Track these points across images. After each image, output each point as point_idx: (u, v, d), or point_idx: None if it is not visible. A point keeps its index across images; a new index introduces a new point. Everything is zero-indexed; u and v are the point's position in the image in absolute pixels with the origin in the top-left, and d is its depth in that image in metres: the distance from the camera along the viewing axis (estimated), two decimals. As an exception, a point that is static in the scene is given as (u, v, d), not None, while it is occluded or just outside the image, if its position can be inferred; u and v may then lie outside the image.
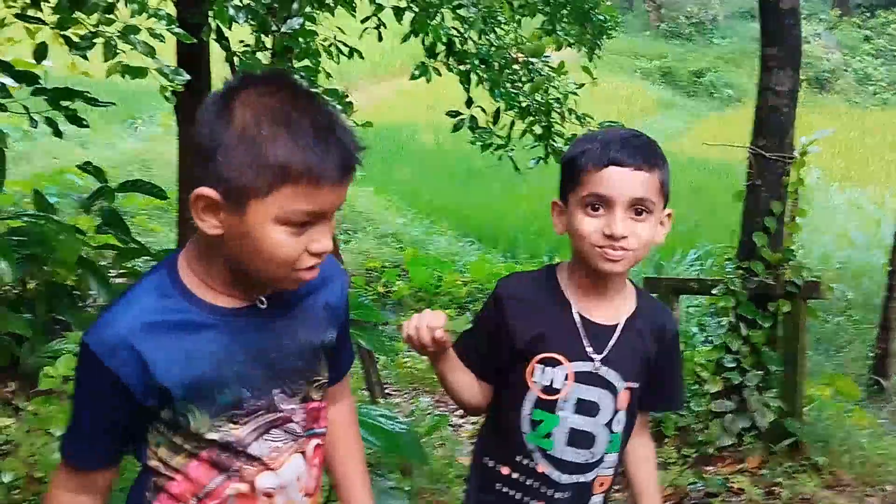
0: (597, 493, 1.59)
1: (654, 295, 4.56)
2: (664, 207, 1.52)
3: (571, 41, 6.12)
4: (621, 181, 1.44)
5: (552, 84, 4.47)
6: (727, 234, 4.38)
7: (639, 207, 1.46)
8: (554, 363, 1.48)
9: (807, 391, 4.12)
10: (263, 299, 1.26)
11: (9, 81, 3.21)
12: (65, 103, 3.29)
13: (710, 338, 4.26)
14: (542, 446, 1.54)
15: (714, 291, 4.03)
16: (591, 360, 1.52)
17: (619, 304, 1.58)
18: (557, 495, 1.54)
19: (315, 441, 1.37)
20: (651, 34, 28.05)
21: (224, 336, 1.24)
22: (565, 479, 1.54)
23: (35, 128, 3.44)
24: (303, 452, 1.34)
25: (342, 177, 1.16)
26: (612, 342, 1.54)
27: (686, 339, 4.42)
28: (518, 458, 1.56)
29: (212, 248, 1.22)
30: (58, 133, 3.43)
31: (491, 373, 1.61)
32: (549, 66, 4.45)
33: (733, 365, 3.93)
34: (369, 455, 2.99)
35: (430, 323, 1.44)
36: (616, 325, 1.55)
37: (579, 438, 1.53)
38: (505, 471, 1.57)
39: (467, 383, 1.61)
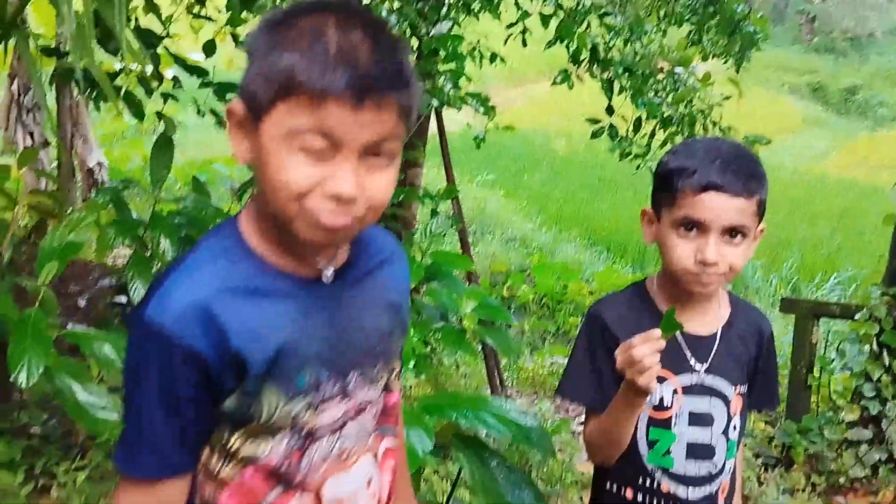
0: (720, 500, 1.57)
1: (791, 316, 4.43)
2: (759, 224, 1.48)
3: (718, 52, 6.00)
4: (718, 207, 1.40)
5: (697, 95, 4.41)
6: (873, 260, 4.20)
7: (733, 233, 1.43)
8: (660, 379, 1.44)
9: (952, 428, 3.89)
10: (329, 273, 1.10)
11: (182, 74, 3.46)
12: (229, 96, 3.52)
13: (848, 364, 4.08)
14: (663, 465, 1.52)
15: (857, 317, 3.87)
16: (696, 371, 1.51)
17: (714, 312, 1.56)
18: None
19: (386, 442, 1.22)
20: (802, 48, 26.95)
21: (301, 307, 1.08)
22: (692, 494, 1.52)
23: (202, 117, 3.69)
24: (374, 453, 1.19)
25: (357, 95, 0.96)
26: (713, 351, 1.52)
27: (823, 365, 4.25)
28: (641, 481, 1.53)
29: (262, 199, 1.07)
30: (221, 124, 3.67)
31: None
32: (694, 77, 4.39)
33: (873, 394, 3.77)
34: (499, 450, 3.05)
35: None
36: (715, 334, 1.54)
37: (698, 451, 1.52)
38: (629, 494, 1.55)
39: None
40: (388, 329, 1.20)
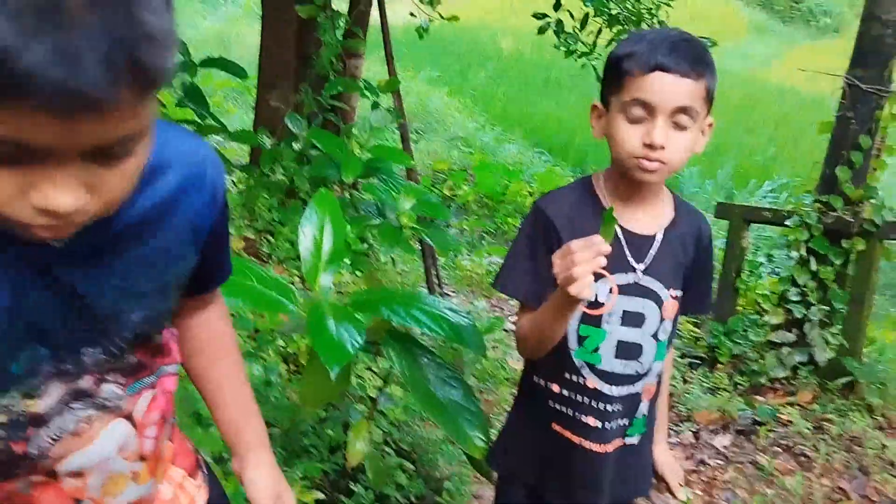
0: (644, 401, 1.59)
1: (724, 221, 4.51)
2: (707, 115, 1.45)
3: (669, -50, 5.86)
4: (666, 87, 1.37)
5: (645, -7, 4.33)
6: (807, 169, 4.25)
7: (681, 116, 1.39)
8: (597, 276, 1.38)
9: (869, 333, 4.05)
10: (57, 237, 0.81)
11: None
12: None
13: (776, 269, 4.19)
14: (591, 361, 1.52)
15: (788, 223, 3.94)
16: (634, 270, 1.50)
17: (658, 213, 1.54)
18: (609, 408, 1.54)
19: (149, 392, 1.02)
20: (752, -48, 26.69)
21: (17, 275, 0.83)
22: (616, 391, 1.53)
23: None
24: (127, 415, 0.99)
25: (66, 105, 0.63)
26: (653, 251, 1.51)
27: (752, 270, 4.36)
28: (567, 375, 1.54)
29: None
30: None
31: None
32: (644, -26, 4.30)
33: (798, 299, 3.87)
34: (433, 346, 3.07)
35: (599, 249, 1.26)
36: (655, 234, 1.52)
37: (627, 350, 1.52)
38: (555, 388, 1.56)
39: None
40: (161, 286, 0.97)
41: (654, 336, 1.54)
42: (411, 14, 3.96)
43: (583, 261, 1.26)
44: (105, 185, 0.73)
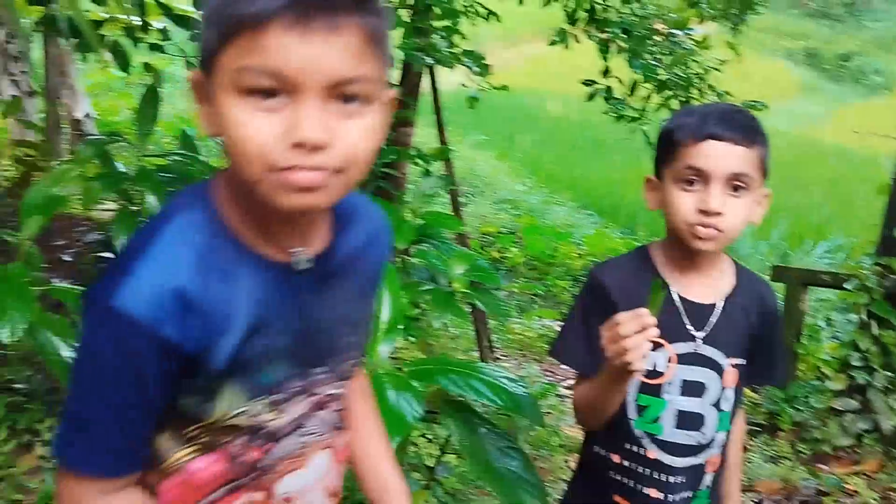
0: (709, 473, 1.55)
1: (781, 284, 4.43)
2: (762, 186, 1.46)
3: (716, 15, 5.91)
4: (719, 154, 1.39)
5: (693, 58, 4.35)
6: (862, 229, 4.20)
7: (736, 183, 1.40)
8: (655, 346, 1.37)
9: (936, 399, 3.92)
10: (301, 261, 0.98)
11: (170, 25, 3.37)
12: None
13: (836, 334, 4.09)
14: (651, 431, 1.50)
15: (847, 286, 3.87)
16: (693, 339, 1.49)
17: (718, 281, 1.53)
18: (672, 480, 1.51)
19: (346, 434, 1.15)
20: (798, 12, 26.76)
21: (274, 296, 0.96)
22: (678, 462, 1.50)
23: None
24: (332, 447, 1.10)
25: (302, 14, 0.81)
26: (713, 320, 1.50)
27: (811, 334, 4.27)
28: (627, 446, 1.52)
29: (232, 169, 0.92)
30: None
31: None
32: (692, 40, 4.33)
33: (860, 364, 3.77)
34: (487, 412, 3.07)
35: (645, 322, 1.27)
36: (715, 303, 1.51)
37: (688, 420, 1.50)
38: (616, 459, 1.54)
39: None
40: (362, 319, 1.12)
41: (716, 406, 1.52)
42: (463, 85, 4.04)
43: (629, 333, 1.25)
44: (341, 133, 0.86)
